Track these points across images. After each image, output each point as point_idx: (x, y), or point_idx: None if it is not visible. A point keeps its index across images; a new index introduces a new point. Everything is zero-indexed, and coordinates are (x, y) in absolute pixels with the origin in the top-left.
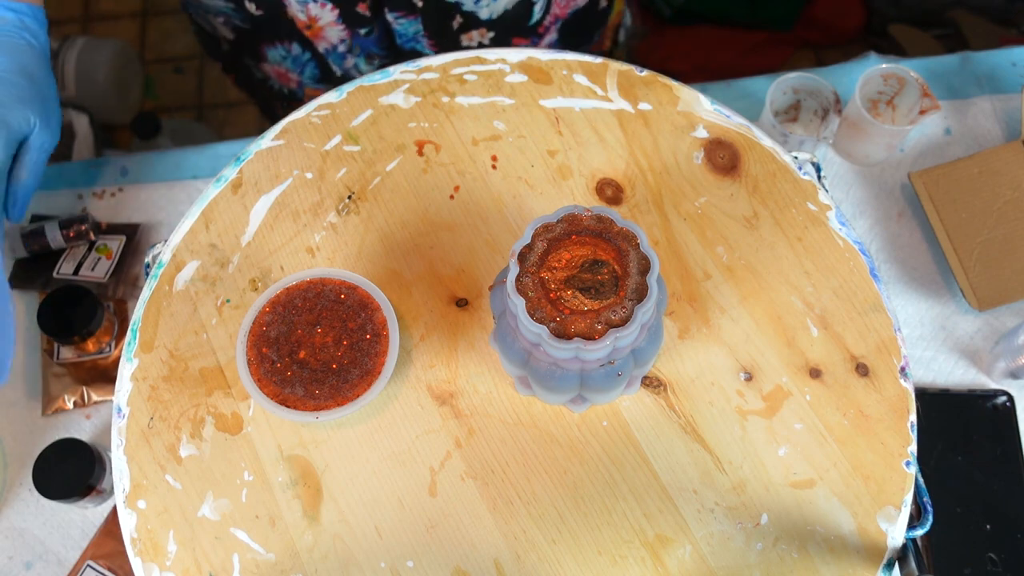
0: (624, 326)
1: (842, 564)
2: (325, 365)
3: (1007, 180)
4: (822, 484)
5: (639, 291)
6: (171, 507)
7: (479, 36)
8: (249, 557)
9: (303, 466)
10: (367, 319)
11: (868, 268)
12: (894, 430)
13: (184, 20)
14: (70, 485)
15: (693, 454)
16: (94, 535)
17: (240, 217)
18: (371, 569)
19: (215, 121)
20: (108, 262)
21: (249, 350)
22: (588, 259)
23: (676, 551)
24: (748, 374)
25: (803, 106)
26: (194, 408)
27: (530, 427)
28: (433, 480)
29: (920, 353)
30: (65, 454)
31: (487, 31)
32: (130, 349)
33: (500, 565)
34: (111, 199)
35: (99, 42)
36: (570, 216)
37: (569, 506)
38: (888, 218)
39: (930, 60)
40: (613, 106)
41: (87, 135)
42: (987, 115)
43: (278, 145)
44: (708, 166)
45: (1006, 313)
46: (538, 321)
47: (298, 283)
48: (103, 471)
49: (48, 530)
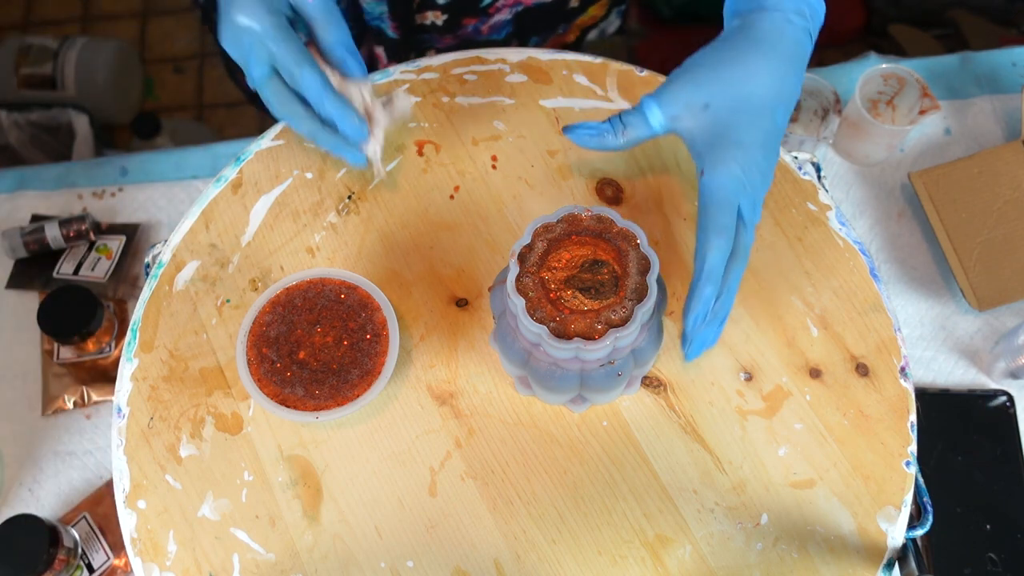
0: (624, 326)
1: (842, 564)
2: (325, 365)
3: (1007, 180)
4: (822, 484)
5: (639, 291)
6: (171, 507)
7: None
8: (249, 557)
9: (303, 466)
10: (367, 319)
11: (868, 268)
12: (894, 430)
13: (184, 20)
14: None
15: (693, 454)
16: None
17: (240, 217)
18: (371, 569)
19: (215, 121)
20: (108, 262)
21: (249, 350)
22: (588, 259)
23: (676, 551)
24: (748, 374)
25: (803, 106)
26: (194, 408)
27: (530, 427)
28: (433, 480)
29: (920, 353)
30: (18, 531)
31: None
32: (130, 349)
33: (500, 565)
34: (111, 199)
35: (99, 42)
36: (570, 216)
37: (569, 506)
38: (888, 218)
39: (930, 60)
40: (613, 106)
41: (87, 135)
42: (987, 115)
43: (278, 145)
44: None
45: (1006, 313)
46: (538, 321)
47: (298, 283)
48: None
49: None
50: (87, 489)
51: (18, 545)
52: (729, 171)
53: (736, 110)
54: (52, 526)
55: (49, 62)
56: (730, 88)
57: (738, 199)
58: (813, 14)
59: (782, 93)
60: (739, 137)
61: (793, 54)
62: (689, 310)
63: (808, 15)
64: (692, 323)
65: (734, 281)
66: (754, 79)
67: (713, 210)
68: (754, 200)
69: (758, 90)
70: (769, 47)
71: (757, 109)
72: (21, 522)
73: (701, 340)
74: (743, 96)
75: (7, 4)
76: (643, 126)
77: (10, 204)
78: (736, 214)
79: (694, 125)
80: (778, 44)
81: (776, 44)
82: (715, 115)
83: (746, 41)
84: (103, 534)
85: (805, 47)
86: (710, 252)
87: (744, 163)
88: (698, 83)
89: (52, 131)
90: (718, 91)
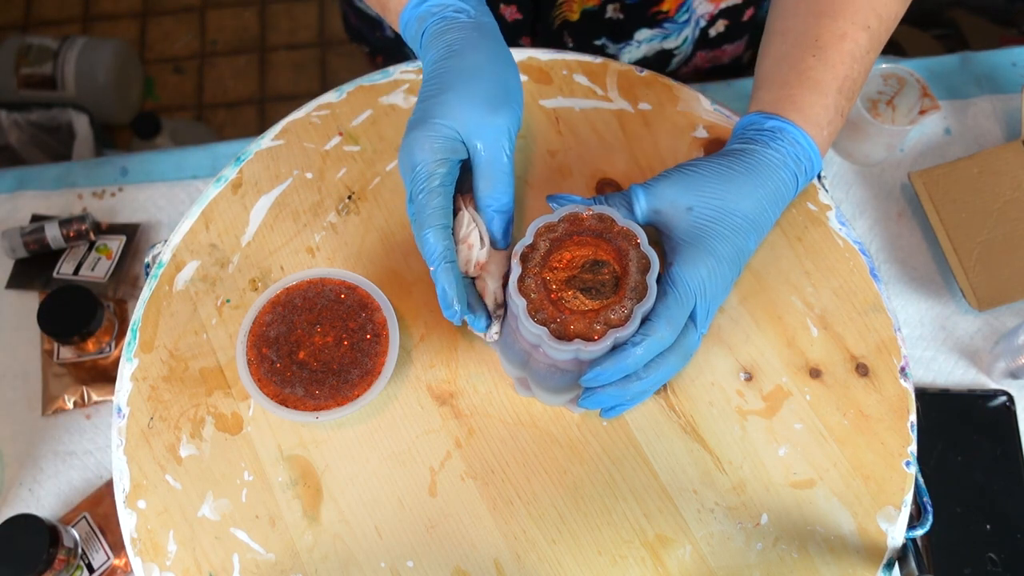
0: (623, 326)
1: (842, 564)
2: (325, 365)
3: (1007, 180)
4: (822, 484)
5: (638, 290)
6: (171, 507)
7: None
8: (249, 557)
9: (303, 466)
10: (367, 319)
11: (868, 268)
12: (894, 430)
13: (184, 20)
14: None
15: (693, 454)
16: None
17: (240, 217)
18: (371, 569)
19: (215, 121)
20: (108, 262)
21: (249, 350)
22: (589, 259)
23: (676, 551)
24: (748, 374)
25: None
26: (194, 408)
27: (530, 427)
28: (433, 480)
29: (920, 353)
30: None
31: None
32: (130, 349)
33: (500, 565)
34: (111, 199)
35: (99, 42)
36: (571, 215)
37: (569, 506)
38: (888, 218)
39: (930, 60)
40: (613, 106)
41: (87, 135)
42: (987, 115)
43: (278, 145)
44: None
45: (1006, 313)
46: (539, 322)
47: (298, 283)
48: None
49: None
50: (87, 489)
51: (18, 545)
52: (697, 272)
53: (716, 220)
54: (52, 526)
55: (49, 62)
56: (715, 200)
57: (696, 300)
58: (810, 167)
59: (758, 222)
60: (713, 246)
61: (779, 194)
62: (598, 363)
63: (805, 168)
64: (592, 376)
65: (664, 374)
66: (740, 201)
67: (671, 299)
68: (708, 308)
69: (740, 211)
70: (761, 180)
71: (735, 227)
72: (21, 522)
73: (597, 399)
74: (726, 211)
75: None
76: (625, 212)
77: (10, 204)
78: (690, 314)
79: (674, 223)
80: (769, 181)
81: (767, 180)
82: (696, 219)
83: (742, 166)
84: (103, 534)
85: (791, 192)
86: (651, 337)
87: (711, 270)
88: (687, 187)
89: (52, 131)
90: (704, 200)
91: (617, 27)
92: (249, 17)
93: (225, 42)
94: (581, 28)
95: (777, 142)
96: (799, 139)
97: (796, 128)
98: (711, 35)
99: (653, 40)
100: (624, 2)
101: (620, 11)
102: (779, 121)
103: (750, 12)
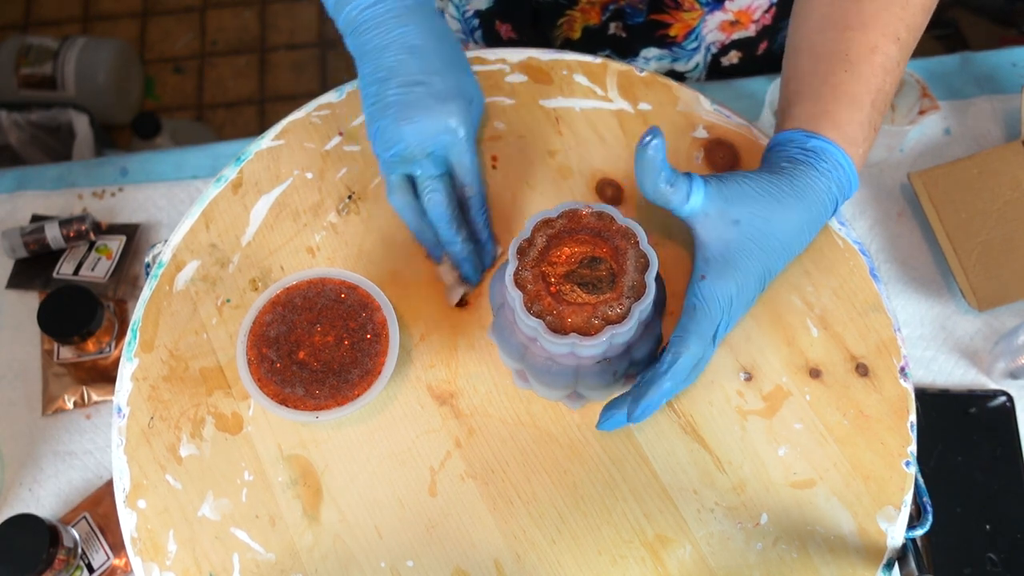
0: (621, 323)
1: (842, 564)
2: (325, 365)
3: (1007, 180)
4: (822, 484)
5: (636, 289)
6: (171, 507)
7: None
8: (249, 557)
9: (303, 466)
10: (367, 319)
11: (868, 268)
12: (894, 430)
13: (184, 20)
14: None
15: (693, 454)
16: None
17: (240, 217)
18: (371, 569)
19: (215, 121)
20: (108, 262)
21: (249, 350)
22: (587, 256)
23: (676, 551)
24: (748, 374)
25: None
26: (194, 408)
27: (530, 427)
28: (433, 480)
29: (920, 353)
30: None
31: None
32: (130, 349)
33: (500, 565)
34: (111, 199)
35: (99, 42)
36: (570, 212)
37: (569, 506)
38: (888, 218)
39: (930, 60)
40: (613, 106)
41: (87, 135)
42: (987, 115)
43: (278, 145)
44: (708, 166)
45: (1006, 313)
46: (535, 315)
47: (298, 283)
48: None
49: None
50: (87, 489)
51: (18, 545)
52: (727, 288)
53: (755, 239)
54: (52, 526)
55: (49, 62)
56: (761, 220)
57: (722, 317)
58: (849, 188)
59: (792, 245)
60: (746, 264)
61: (819, 221)
62: (643, 396)
63: (844, 192)
64: (642, 410)
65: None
66: (783, 224)
67: (701, 316)
68: (729, 324)
69: (780, 233)
70: (807, 205)
71: (770, 248)
72: (21, 522)
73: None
74: (768, 231)
75: (7, 4)
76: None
77: (10, 204)
78: (716, 330)
79: (715, 233)
80: (813, 206)
81: (812, 205)
82: (738, 234)
83: (792, 188)
84: (103, 534)
85: (828, 216)
86: (685, 354)
87: (740, 287)
88: (742, 200)
89: (52, 131)
90: (752, 217)
91: (621, 44)
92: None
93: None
94: (583, 47)
95: (823, 164)
96: (842, 162)
97: (838, 149)
98: (724, 64)
99: (662, 60)
100: (626, 22)
101: (623, 30)
102: (822, 141)
103: (764, 45)
